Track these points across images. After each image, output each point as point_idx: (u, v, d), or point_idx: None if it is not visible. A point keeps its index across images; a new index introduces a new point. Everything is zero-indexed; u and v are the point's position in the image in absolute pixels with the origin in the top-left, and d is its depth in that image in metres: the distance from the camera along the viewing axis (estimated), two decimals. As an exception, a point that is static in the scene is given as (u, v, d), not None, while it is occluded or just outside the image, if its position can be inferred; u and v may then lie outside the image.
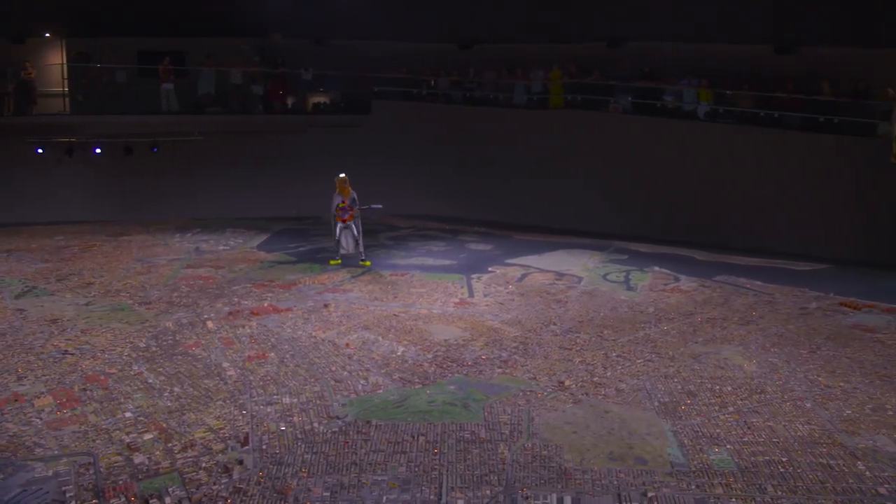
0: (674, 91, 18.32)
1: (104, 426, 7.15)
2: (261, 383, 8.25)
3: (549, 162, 19.25)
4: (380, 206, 14.29)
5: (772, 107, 17.04)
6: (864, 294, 12.80)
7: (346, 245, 14.26)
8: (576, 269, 14.39)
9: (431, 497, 5.97)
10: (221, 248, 15.74)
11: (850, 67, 16.54)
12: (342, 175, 14.06)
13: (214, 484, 6.07)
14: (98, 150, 19.44)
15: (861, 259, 15.76)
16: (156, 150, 19.67)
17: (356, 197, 14.02)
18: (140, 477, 6.20)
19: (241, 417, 7.37)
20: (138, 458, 6.50)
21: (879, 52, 16.68)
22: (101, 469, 6.32)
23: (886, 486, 6.35)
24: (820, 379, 8.80)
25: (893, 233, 15.66)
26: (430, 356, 9.26)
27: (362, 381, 8.38)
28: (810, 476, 6.48)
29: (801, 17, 17.32)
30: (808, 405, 8.02)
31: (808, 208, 16.49)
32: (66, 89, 20.20)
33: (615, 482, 6.29)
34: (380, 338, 9.92)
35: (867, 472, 6.57)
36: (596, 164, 18.70)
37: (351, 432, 7.09)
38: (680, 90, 18.22)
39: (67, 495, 5.90)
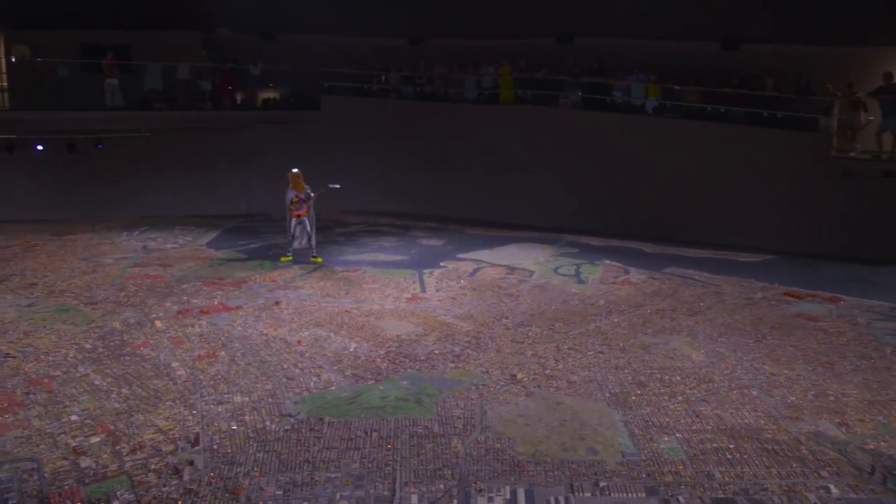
0: (622, 86, 18.54)
1: (49, 430, 6.98)
2: (211, 382, 8.14)
3: (499, 157, 19.34)
4: (337, 185, 14.20)
5: (717, 102, 17.38)
6: (807, 284, 13.15)
7: (300, 241, 14.16)
8: (527, 263, 14.50)
9: (385, 492, 5.96)
10: (170, 246, 15.49)
11: (792, 64, 16.95)
12: (295, 170, 13.95)
13: (164, 486, 5.98)
14: (40, 147, 18.93)
15: (804, 250, 16.16)
16: (100, 146, 19.22)
17: (310, 191, 13.91)
18: (87, 481, 6.07)
19: (191, 417, 7.27)
20: (85, 462, 6.37)
21: (820, 50, 17.16)
22: (46, 475, 6.17)
23: (828, 468, 6.54)
24: (765, 367, 9.02)
25: (835, 224, 16.09)
26: (382, 352, 9.24)
27: (314, 379, 8.33)
28: (756, 462, 6.64)
29: (746, 14, 17.70)
30: (754, 393, 8.21)
31: (753, 201, 16.85)
32: (6, 84, 19.62)
33: (567, 473, 6.36)
34: (332, 334, 9.87)
35: (810, 457, 6.75)
36: (546, 158, 18.84)
37: (303, 430, 7.05)
38: (628, 85, 18.45)
39: (10, 503, 5.75)
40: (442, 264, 14.25)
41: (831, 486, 6.23)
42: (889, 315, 11.41)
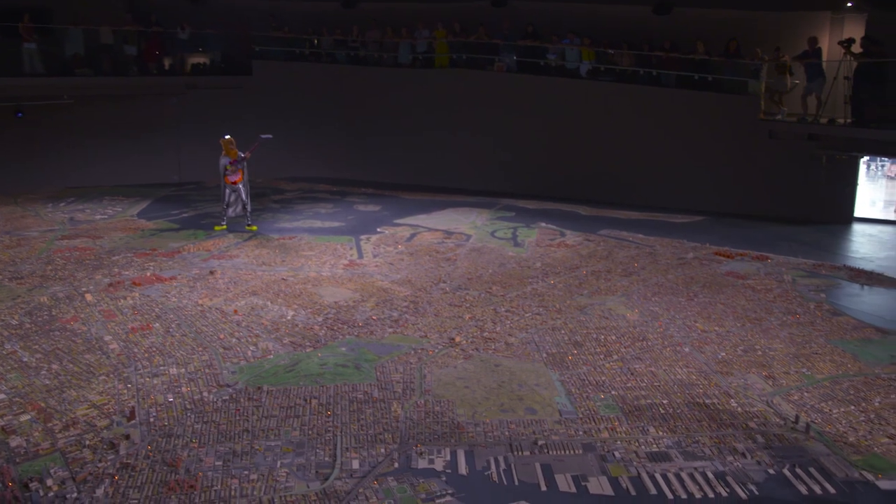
0: (557, 50, 18.57)
1: (-24, 408, 6.79)
2: (146, 355, 8.00)
3: (436, 121, 19.27)
4: (269, 136, 13.93)
5: (650, 65, 17.56)
6: (736, 243, 13.53)
7: (234, 208, 13.93)
8: (464, 227, 14.56)
9: (326, 459, 5.98)
10: (98, 217, 15.05)
11: (722, 28, 17.19)
12: (227, 137, 13.66)
13: (100, 461, 5.88)
14: (-45, 117, 18.09)
15: (734, 211, 16.61)
16: (20, 115, 18.44)
17: (243, 157, 13.65)
18: (18, 460, 5.93)
19: (126, 391, 7.14)
20: (15, 441, 6.20)
21: (750, 14, 17.46)
22: (-25, 453, 6.01)
23: (756, 420, 6.80)
24: (697, 324, 9.28)
25: (762, 185, 16.54)
26: (320, 319, 9.20)
27: (252, 348, 8.26)
28: (688, 416, 6.85)
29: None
30: (687, 350, 8.45)
31: (685, 163, 17.18)
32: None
33: (507, 433, 6.47)
34: (269, 303, 9.77)
35: (739, 409, 7.00)
36: (482, 122, 18.85)
37: (242, 399, 7.00)
38: (563, 49, 18.49)
39: (-62, 482, 5.59)
40: (379, 230, 14.20)
41: (758, 437, 6.47)
42: (813, 272, 11.83)
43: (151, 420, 6.57)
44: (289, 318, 9.24)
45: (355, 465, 5.89)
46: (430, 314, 9.47)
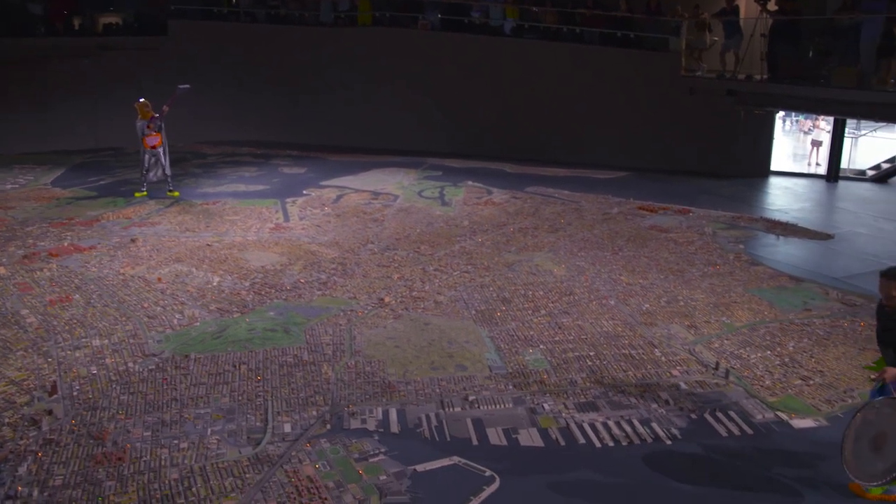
0: (481, 7, 18.46)
1: None
2: (66, 328, 7.75)
3: (360, 81, 18.97)
4: (187, 85, 13.53)
5: (574, 23, 17.61)
6: (659, 198, 13.84)
7: (154, 173, 13.53)
8: (391, 187, 14.49)
9: (258, 424, 5.94)
10: (9, 186, 14.40)
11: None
12: (142, 100, 13.22)
13: (21, 438, 5.69)
14: None
15: (657, 166, 16.93)
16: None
17: (161, 113, 13.21)
18: (-67, 439, 5.71)
19: (46, 365, 6.92)
20: (-71, 420, 5.97)
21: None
22: None
23: (679, 367, 7.02)
24: (622, 278, 9.49)
25: (685, 140, 16.89)
26: (247, 284, 9.07)
27: (178, 315, 8.10)
28: (615, 366, 7.03)
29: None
30: (612, 303, 8.64)
31: (609, 120, 17.38)
32: None
33: (438, 390, 6.53)
34: (193, 269, 9.58)
35: (663, 358, 7.22)
36: (407, 81, 18.65)
37: (169, 368, 6.87)
38: (487, 6, 18.39)
39: None
40: (305, 192, 14.02)
41: (681, 384, 6.69)
42: (732, 224, 12.21)
43: (75, 394, 6.39)
44: (215, 284, 9.08)
45: (287, 428, 5.87)
46: (359, 275, 9.43)
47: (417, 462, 5.39)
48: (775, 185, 16.07)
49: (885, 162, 17.06)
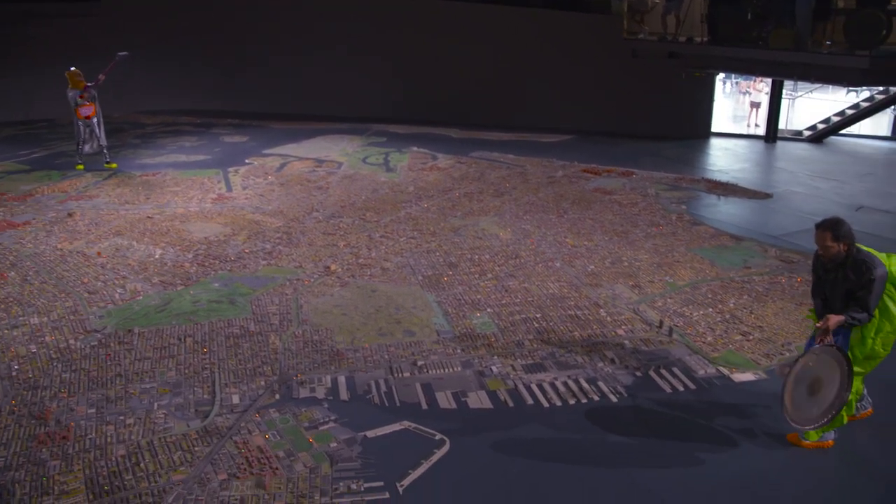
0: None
1: None
2: (2, 306, 7.52)
3: (300, 48, 18.64)
4: (126, 53, 13.16)
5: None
6: (603, 160, 13.97)
7: (90, 145, 13.15)
8: (335, 154, 14.35)
9: (205, 396, 5.87)
10: (-64, 161, 13.89)
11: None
12: (73, 68, 12.79)
13: (-42, 419, 5.55)
14: None
15: (600, 129, 17.06)
16: None
17: (96, 82, 12.81)
18: None
19: (-18, 344, 6.73)
20: None
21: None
22: None
23: (624, 327, 7.14)
24: (567, 240, 9.57)
25: (628, 103, 17.03)
26: (190, 256, 8.92)
27: (119, 290, 7.93)
28: (561, 328, 7.11)
29: None
30: (558, 265, 8.72)
31: (553, 84, 17.42)
32: None
33: (386, 356, 6.53)
34: (134, 243, 9.37)
35: (608, 318, 7.33)
36: (349, 47, 18.39)
37: (112, 344, 6.74)
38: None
39: None
40: (247, 161, 13.80)
41: (626, 342, 6.81)
42: (674, 185, 12.39)
43: (14, 374, 6.22)
44: (157, 256, 8.91)
45: (235, 399, 5.82)
46: (304, 244, 9.35)
47: (368, 428, 5.40)
48: (716, 147, 16.35)
49: (821, 122, 17.48)
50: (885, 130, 18.33)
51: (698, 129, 17.14)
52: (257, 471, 4.92)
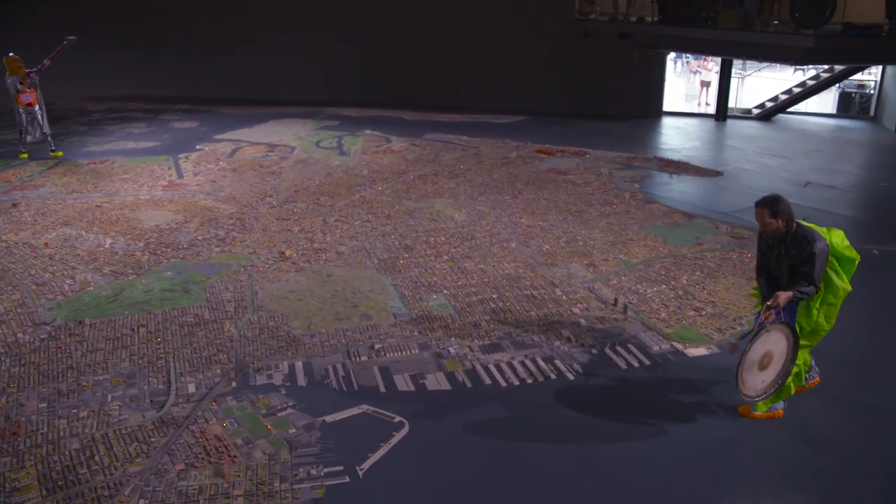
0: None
1: None
2: (-54, 298, 7.34)
3: (251, 32, 18.38)
4: (73, 37, 12.85)
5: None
6: (556, 140, 14.04)
7: (32, 134, 12.80)
8: (287, 138, 14.21)
9: (160, 386, 5.79)
10: None
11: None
12: (11, 54, 12.43)
13: None
14: None
15: (554, 109, 17.12)
16: None
17: (34, 76, 12.47)
18: None
19: (-75, 340, 6.54)
20: None
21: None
22: None
23: (579, 305, 7.21)
24: (522, 221, 9.62)
25: (580, 83, 17.11)
26: (141, 244, 8.76)
27: (69, 281, 7.76)
28: (517, 308, 7.16)
29: None
30: (513, 245, 8.76)
31: (505, 65, 17.41)
32: None
33: (343, 340, 6.51)
34: (83, 232, 9.18)
35: (564, 297, 7.39)
36: (300, 30, 18.17)
37: (62, 336, 6.60)
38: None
39: None
40: (198, 147, 13.59)
41: (582, 321, 6.88)
42: (627, 164, 12.52)
43: (-40, 368, 6.08)
44: (107, 246, 8.74)
45: (191, 388, 5.75)
46: (258, 230, 9.25)
47: (326, 413, 5.38)
48: (668, 125, 16.53)
49: (769, 101, 17.78)
50: (831, 108, 18.69)
51: (650, 108, 17.31)
52: (215, 459, 4.88)
